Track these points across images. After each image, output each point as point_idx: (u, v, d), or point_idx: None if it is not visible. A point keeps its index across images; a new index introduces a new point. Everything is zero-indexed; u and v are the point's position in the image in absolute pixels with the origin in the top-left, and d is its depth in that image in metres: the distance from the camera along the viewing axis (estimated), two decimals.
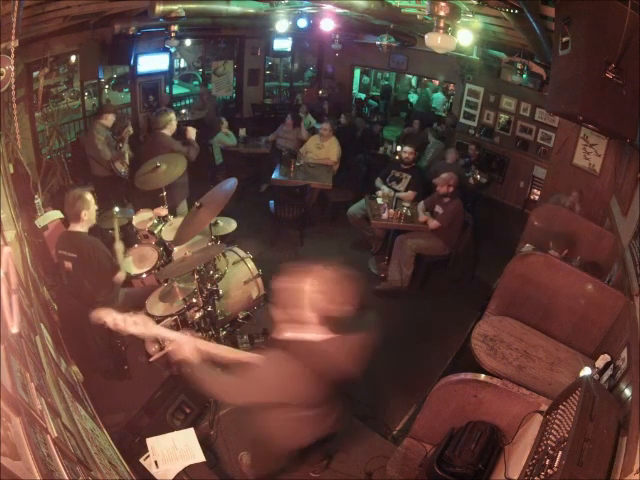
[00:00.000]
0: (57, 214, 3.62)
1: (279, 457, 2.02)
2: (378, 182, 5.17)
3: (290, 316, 1.69)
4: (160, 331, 1.66)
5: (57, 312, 2.95)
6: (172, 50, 7.01)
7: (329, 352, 1.69)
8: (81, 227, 2.86)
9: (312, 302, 1.64)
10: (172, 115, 4.16)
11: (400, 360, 3.70)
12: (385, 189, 4.99)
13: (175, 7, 4.49)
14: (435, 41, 3.20)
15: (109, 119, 4.74)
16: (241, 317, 3.40)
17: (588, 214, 4.35)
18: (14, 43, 2.05)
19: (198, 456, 2.21)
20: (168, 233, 3.42)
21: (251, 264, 3.49)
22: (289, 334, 1.70)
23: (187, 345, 1.57)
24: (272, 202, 5.11)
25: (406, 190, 4.97)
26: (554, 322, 3.05)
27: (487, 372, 2.54)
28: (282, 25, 5.75)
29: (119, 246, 3.09)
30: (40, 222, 3.49)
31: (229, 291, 3.26)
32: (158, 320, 2.89)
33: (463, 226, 4.55)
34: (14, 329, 1.30)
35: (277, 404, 1.74)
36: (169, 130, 4.12)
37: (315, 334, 1.69)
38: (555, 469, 1.53)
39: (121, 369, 3.10)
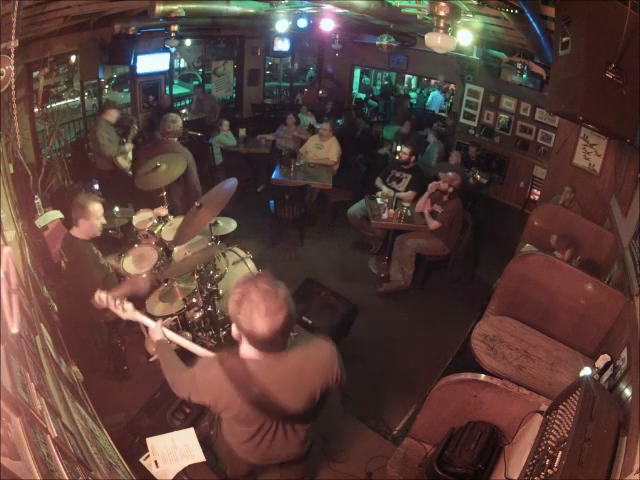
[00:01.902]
0: (57, 214, 3.62)
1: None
2: (378, 182, 5.17)
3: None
4: (135, 315, 1.92)
5: (57, 312, 2.95)
6: (172, 50, 7.01)
7: (257, 373, 1.52)
8: (79, 233, 2.78)
9: (232, 316, 1.46)
10: (180, 122, 4.01)
11: (400, 360, 3.70)
12: (385, 189, 4.99)
13: (175, 7, 4.48)
14: (435, 41, 3.20)
15: (113, 115, 4.83)
16: None
17: (588, 214, 4.36)
18: (14, 43, 2.05)
19: (198, 456, 2.21)
20: (168, 233, 3.41)
21: (251, 264, 3.49)
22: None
23: (155, 331, 1.87)
24: (272, 202, 5.12)
25: (406, 190, 4.97)
26: (554, 322, 3.05)
27: (487, 372, 2.54)
28: (282, 25, 5.75)
29: (111, 261, 3.05)
30: (40, 222, 3.49)
31: (229, 291, 3.25)
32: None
33: (463, 226, 4.55)
34: (14, 329, 1.30)
35: (212, 409, 1.67)
36: (177, 137, 3.99)
37: (245, 349, 1.54)
38: (555, 469, 1.53)
39: (121, 369, 3.09)
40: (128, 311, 1.92)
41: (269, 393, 1.53)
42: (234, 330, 1.50)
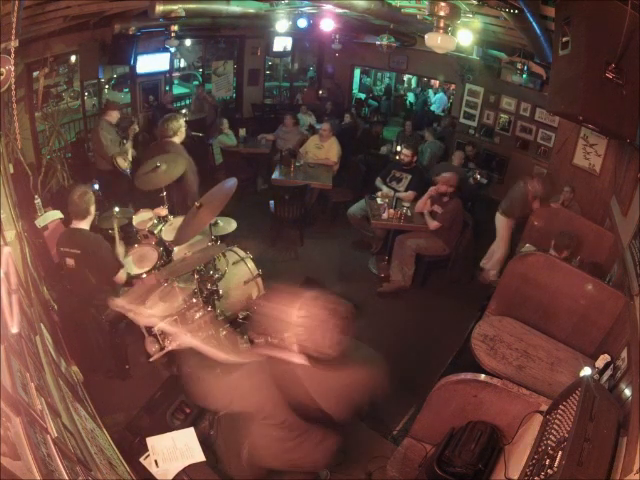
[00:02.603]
0: (57, 214, 3.62)
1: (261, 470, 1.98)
2: (378, 182, 5.17)
3: (270, 342, 1.61)
4: (158, 323, 1.95)
5: (57, 312, 2.95)
6: (172, 50, 7.01)
7: (304, 379, 1.57)
8: (85, 224, 2.90)
9: (294, 335, 1.52)
10: (182, 121, 3.83)
11: (400, 360, 3.69)
12: (385, 189, 4.99)
13: (175, 7, 4.48)
14: (435, 41, 3.20)
15: (113, 116, 4.83)
16: (241, 317, 3.40)
17: (588, 214, 4.36)
18: (14, 43, 2.05)
19: (198, 455, 2.21)
20: (168, 233, 3.41)
21: (251, 264, 3.49)
22: (267, 351, 1.62)
23: (182, 340, 1.87)
24: (272, 202, 5.12)
25: (406, 190, 4.97)
26: (554, 322, 3.05)
27: (487, 372, 2.54)
28: (282, 25, 5.75)
29: (120, 249, 3.09)
30: (40, 222, 3.49)
31: (229, 291, 3.26)
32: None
33: (463, 226, 4.55)
34: (14, 329, 1.30)
35: (256, 415, 1.70)
36: (179, 138, 3.81)
37: (294, 357, 1.58)
38: (555, 469, 1.53)
39: (122, 368, 3.10)
40: (148, 317, 1.99)
41: (315, 400, 1.56)
42: (290, 342, 1.52)
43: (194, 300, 2.93)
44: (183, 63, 10.34)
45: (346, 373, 1.60)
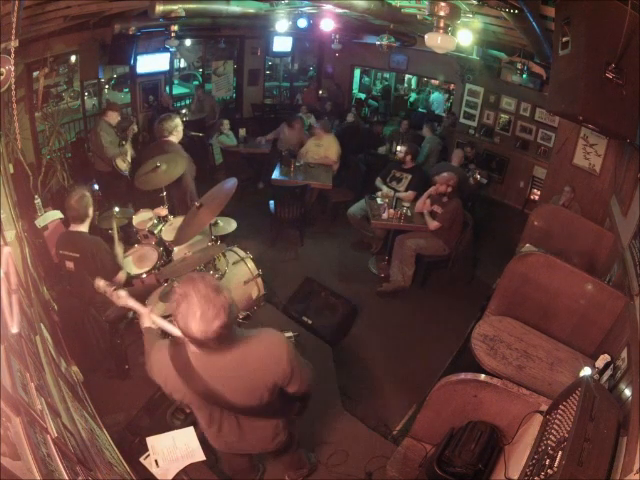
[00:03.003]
0: (57, 214, 3.62)
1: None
2: (378, 182, 5.17)
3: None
4: (128, 301, 1.93)
5: (57, 312, 2.95)
6: (172, 50, 7.00)
7: (196, 365, 1.50)
8: (84, 227, 2.89)
9: (175, 316, 1.40)
10: (178, 120, 3.82)
11: (400, 360, 3.70)
12: (385, 189, 5.00)
13: (175, 7, 4.48)
14: (435, 41, 3.20)
15: (113, 117, 4.82)
16: (241, 317, 3.40)
17: (588, 214, 4.36)
18: (14, 43, 2.05)
19: (198, 455, 2.21)
20: (168, 233, 3.41)
21: (251, 264, 3.49)
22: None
23: (144, 317, 1.88)
24: (272, 202, 5.12)
25: (406, 190, 4.97)
26: (554, 322, 3.05)
27: (487, 372, 2.54)
28: (282, 25, 5.75)
29: (119, 250, 3.09)
30: (40, 222, 3.49)
31: (229, 291, 3.25)
32: None
33: (463, 226, 4.55)
34: (14, 329, 1.30)
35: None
36: (176, 137, 3.81)
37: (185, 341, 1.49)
38: (555, 469, 1.53)
39: (122, 368, 3.10)
40: (122, 298, 1.96)
41: (211, 386, 1.52)
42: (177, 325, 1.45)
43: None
44: (183, 63, 10.35)
45: (235, 350, 1.49)
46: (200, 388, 1.52)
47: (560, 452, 1.57)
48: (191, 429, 2.34)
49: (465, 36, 3.73)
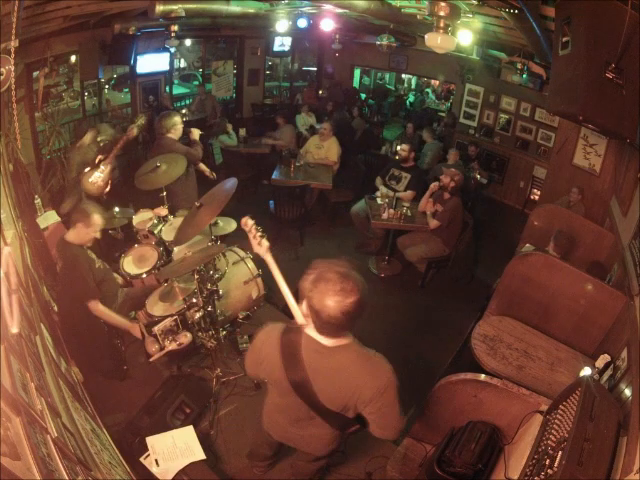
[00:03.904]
0: (57, 215, 3.62)
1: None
2: (378, 182, 5.17)
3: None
4: (266, 256, 2.04)
5: (57, 312, 2.95)
6: (172, 50, 7.01)
7: (304, 348, 1.56)
8: (73, 238, 2.75)
9: (305, 298, 1.48)
10: (177, 118, 3.89)
11: (400, 360, 3.68)
12: (382, 190, 5.00)
13: (175, 7, 4.48)
14: (435, 41, 3.20)
15: (88, 137, 4.08)
16: (241, 317, 3.40)
17: (588, 214, 4.36)
18: (14, 43, 2.05)
19: (198, 454, 2.22)
20: (168, 233, 3.41)
21: (251, 264, 3.49)
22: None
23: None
24: (272, 202, 5.11)
25: (405, 189, 4.97)
26: (554, 322, 3.05)
27: (487, 372, 2.54)
28: (282, 25, 5.75)
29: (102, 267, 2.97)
30: (40, 222, 3.48)
31: (229, 291, 3.26)
32: (158, 320, 2.89)
33: (463, 226, 4.55)
34: (14, 329, 1.30)
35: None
36: (174, 134, 3.87)
37: (305, 324, 1.57)
38: (555, 469, 1.53)
39: (121, 369, 3.09)
40: (263, 247, 2.02)
41: (308, 378, 1.55)
42: (304, 310, 1.51)
43: (194, 300, 2.94)
44: (183, 63, 10.35)
45: (346, 354, 1.53)
46: (297, 378, 1.56)
47: (560, 452, 1.57)
48: (191, 428, 2.35)
49: (465, 36, 3.74)
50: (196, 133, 4.09)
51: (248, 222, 2.09)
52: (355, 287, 1.40)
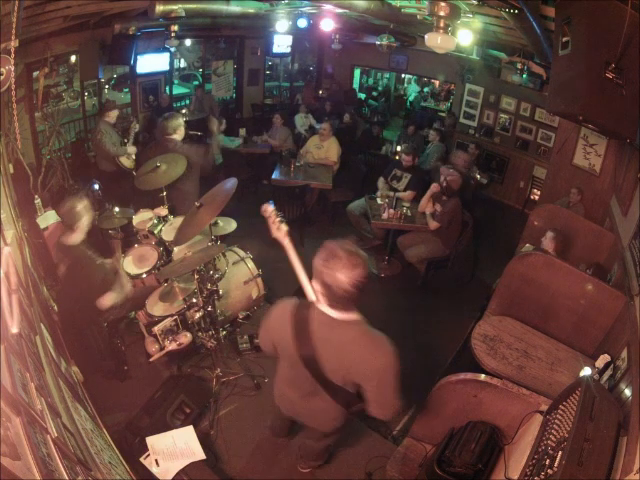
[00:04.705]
0: (57, 216, 3.62)
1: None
2: (380, 183, 5.17)
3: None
4: (285, 241, 2.20)
5: (57, 312, 2.95)
6: (172, 50, 7.00)
7: (315, 322, 1.68)
8: (73, 239, 2.74)
9: (316, 274, 1.60)
10: (181, 120, 3.84)
11: (400, 360, 3.69)
12: (383, 190, 4.99)
13: (175, 7, 4.49)
14: (435, 41, 3.20)
15: (112, 116, 4.87)
16: (241, 317, 3.41)
17: (588, 214, 4.36)
18: (14, 43, 2.05)
19: (198, 454, 2.21)
20: (168, 233, 3.41)
21: (251, 264, 3.49)
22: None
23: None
24: (272, 202, 5.10)
25: (405, 189, 4.97)
26: (554, 322, 3.05)
27: (487, 372, 2.54)
28: (282, 25, 5.75)
29: (116, 264, 2.99)
30: (40, 223, 3.49)
31: (229, 291, 3.26)
32: (158, 320, 2.89)
33: (463, 226, 4.55)
34: (14, 329, 1.30)
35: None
36: (179, 135, 3.80)
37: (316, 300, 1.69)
38: (555, 469, 1.53)
39: (121, 369, 3.09)
40: (282, 231, 2.18)
41: (316, 350, 1.67)
42: (316, 286, 1.62)
43: (194, 300, 2.94)
44: (183, 63, 10.35)
45: (353, 329, 1.66)
46: (305, 351, 1.68)
47: (560, 452, 1.57)
48: (191, 428, 2.34)
49: (465, 36, 3.74)
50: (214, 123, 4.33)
51: (268, 208, 2.23)
52: (361, 261, 1.55)
